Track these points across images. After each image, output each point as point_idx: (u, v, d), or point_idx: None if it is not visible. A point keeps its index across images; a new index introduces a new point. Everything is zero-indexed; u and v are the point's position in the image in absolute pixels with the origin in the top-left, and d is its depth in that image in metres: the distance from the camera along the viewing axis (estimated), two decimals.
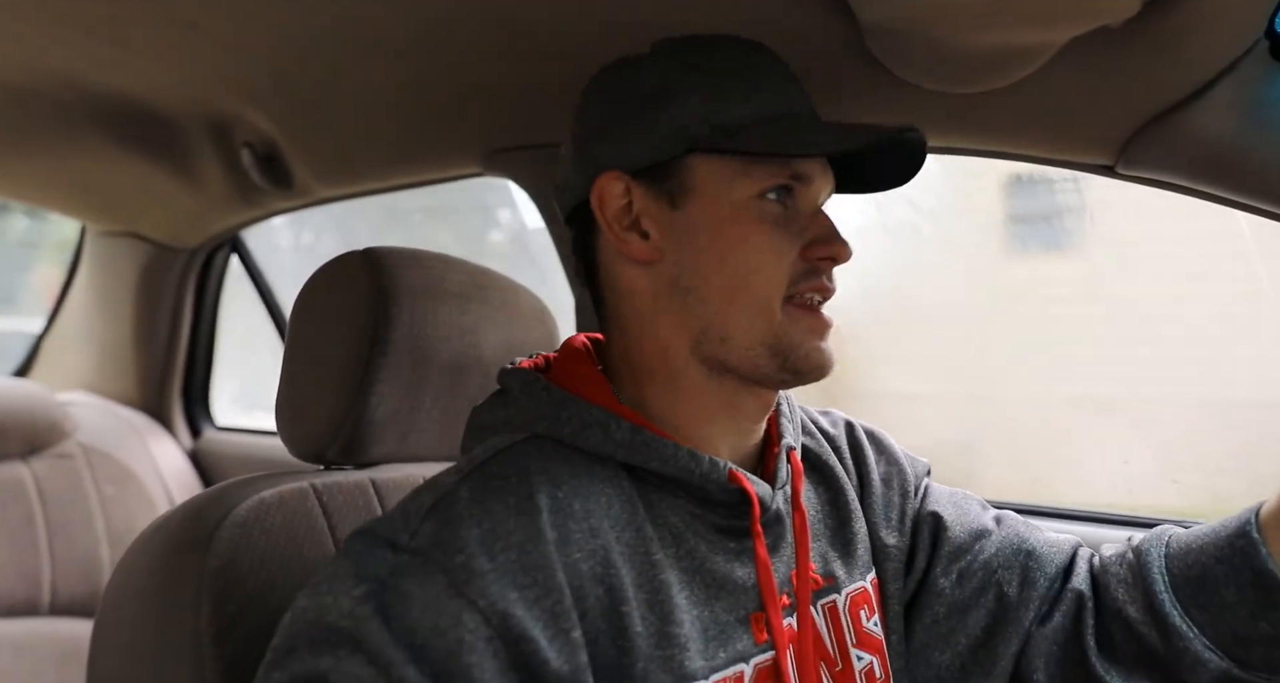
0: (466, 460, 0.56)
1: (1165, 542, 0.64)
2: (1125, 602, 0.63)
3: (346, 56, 0.94)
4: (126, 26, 0.91)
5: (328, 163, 1.24)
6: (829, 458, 0.69)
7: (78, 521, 1.47)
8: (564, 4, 0.78)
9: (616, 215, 0.59)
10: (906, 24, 0.69)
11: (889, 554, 0.68)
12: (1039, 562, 0.66)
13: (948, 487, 0.74)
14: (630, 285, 0.60)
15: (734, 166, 0.58)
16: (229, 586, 0.59)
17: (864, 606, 0.65)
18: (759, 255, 0.57)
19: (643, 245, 0.59)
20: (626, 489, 0.56)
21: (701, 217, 0.58)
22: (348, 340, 0.72)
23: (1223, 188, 0.70)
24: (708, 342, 0.59)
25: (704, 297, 0.58)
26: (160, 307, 1.66)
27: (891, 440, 0.75)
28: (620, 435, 0.56)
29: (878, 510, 0.69)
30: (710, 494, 0.58)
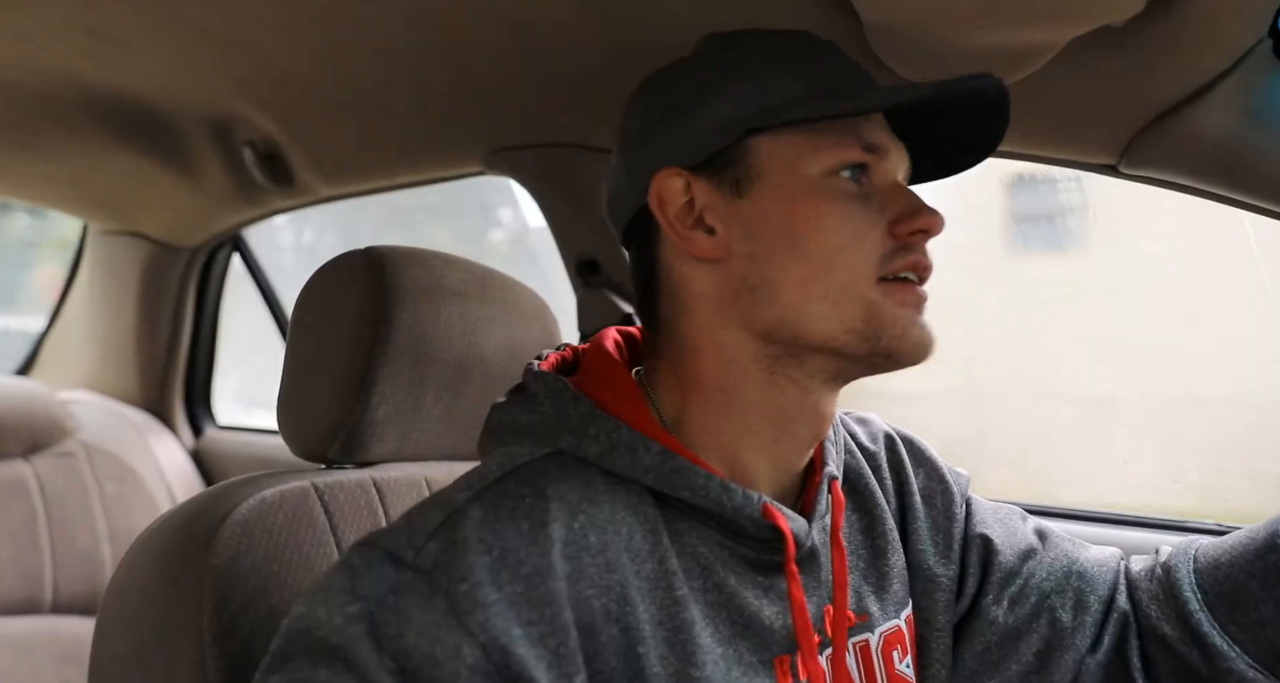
0: (479, 475, 0.52)
1: (1193, 557, 0.62)
2: (1160, 620, 0.61)
3: (348, 57, 0.94)
4: (129, 27, 0.91)
5: (329, 162, 1.24)
6: (869, 480, 0.65)
7: (79, 519, 1.47)
8: (565, 4, 0.78)
9: (679, 214, 0.55)
10: (909, 23, 0.69)
11: (939, 585, 0.64)
12: (1091, 584, 0.63)
13: (989, 501, 0.69)
14: (695, 289, 0.56)
15: (799, 143, 0.54)
16: (231, 585, 0.59)
17: (897, 645, 0.61)
18: (839, 237, 0.52)
19: (709, 242, 0.55)
20: (651, 517, 0.52)
21: (770, 202, 0.54)
22: (349, 339, 0.72)
23: (1226, 187, 0.70)
24: (780, 340, 0.54)
25: (777, 291, 0.53)
26: (162, 305, 1.66)
27: (933, 452, 0.70)
28: (649, 460, 0.52)
29: (924, 537, 0.65)
30: (743, 529, 0.54)
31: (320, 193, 1.31)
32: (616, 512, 0.51)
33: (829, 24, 0.73)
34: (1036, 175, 1.50)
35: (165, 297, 1.66)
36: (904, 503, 0.66)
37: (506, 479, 0.51)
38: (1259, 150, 0.66)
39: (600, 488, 0.52)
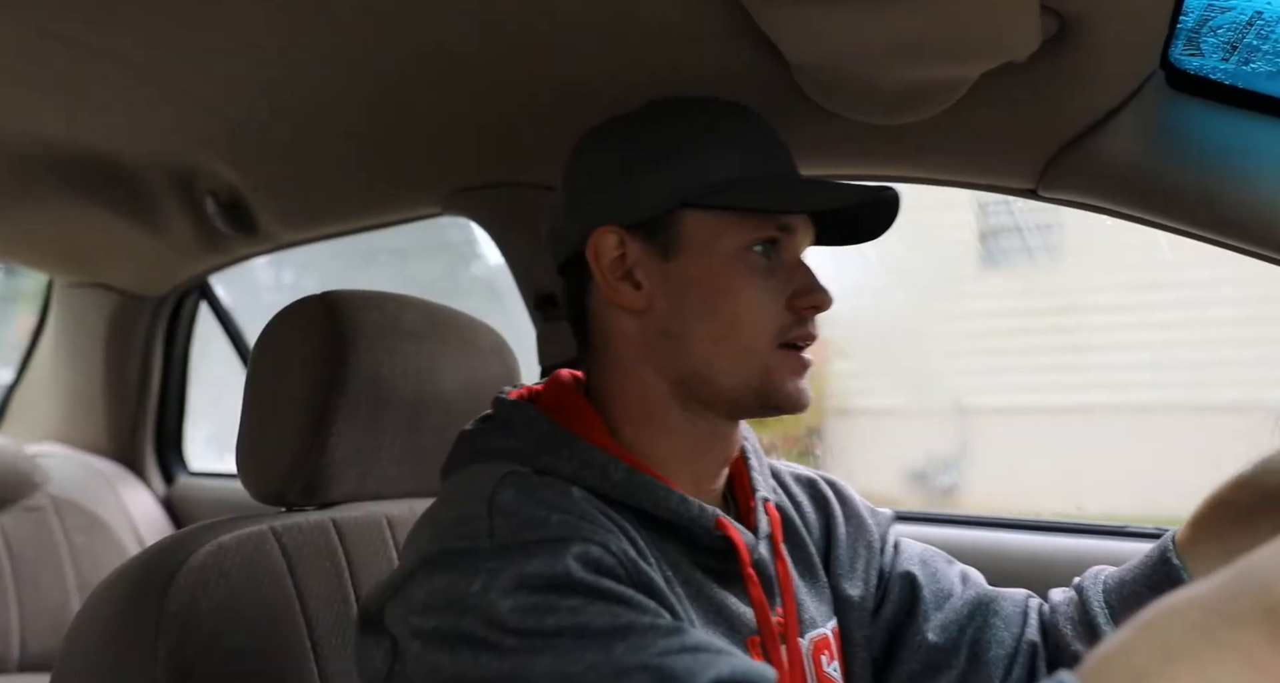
0: (478, 487, 0.57)
1: (1101, 580, 0.69)
2: (1073, 638, 0.67)
3: (304, 105, 0.97)
4: (85, 84, 0.93)
5: (291, 208, 1.26)
6: (791, 512, 0.73)
7: (47, 572, 1.45)
8: (515, 53, 0.81)
9: (611, 266, 0.63)
10: (831, 63, 0.73)
11: (852, 605, 0.71)
12: (1005, 621, 0.70)
13: (918, 543, 0.77)
14: (619, 330, 0.64)
15: (725, 220, 0.62)
16: (186, 630, 0.60)
17: (825, 651, 0.68)
18: (747, 307, 0.61)
19: (635, 295, 0.63)
20: (623, 524, 0.58)
21: (692, 268, 0.62)
22: (306, 383, 0.74)
23: (1137, 209, 0.74)
24: (691, 385, 0.62)
25: (691, 344, 0.62)
26: (130, 355, 1.67)
27: (853, 493, 0.78)
28: (618, 476, 0.59)
29: (843, 563, 0.72)
30: (698, 539, 0.61)
31: (283, 239, 1.33)
32: (598, 514, 0.57)
33: (760, 66, 0.77)
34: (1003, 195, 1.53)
35: (133, 346, 1.66)
36: (828, 535, 0.74)
37: (511, 477, 0.57)
38: (1162, 174, 0.70)
39: (579, 496, 0.57)
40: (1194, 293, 2.09)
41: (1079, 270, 2.27)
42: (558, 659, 0.47)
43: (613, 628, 0.48)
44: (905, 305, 2.84)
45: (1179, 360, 2.12)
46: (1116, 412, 2.25)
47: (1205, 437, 1.52)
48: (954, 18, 0.60)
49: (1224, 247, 0.72)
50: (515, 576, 0.49)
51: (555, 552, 0.50)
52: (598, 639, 0.47)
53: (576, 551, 0.51)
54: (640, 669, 0.46)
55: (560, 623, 0.48)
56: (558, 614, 0.48)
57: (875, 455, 3.10)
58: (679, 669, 0.45)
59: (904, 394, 3.29)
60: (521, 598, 0.49)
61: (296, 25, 0.78)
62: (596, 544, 0.52)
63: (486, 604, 0.49)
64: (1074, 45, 0.65)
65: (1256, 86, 0.68)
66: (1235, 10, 0.64)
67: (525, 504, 0.54)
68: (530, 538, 0.52)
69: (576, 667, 0.46)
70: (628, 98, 0.86)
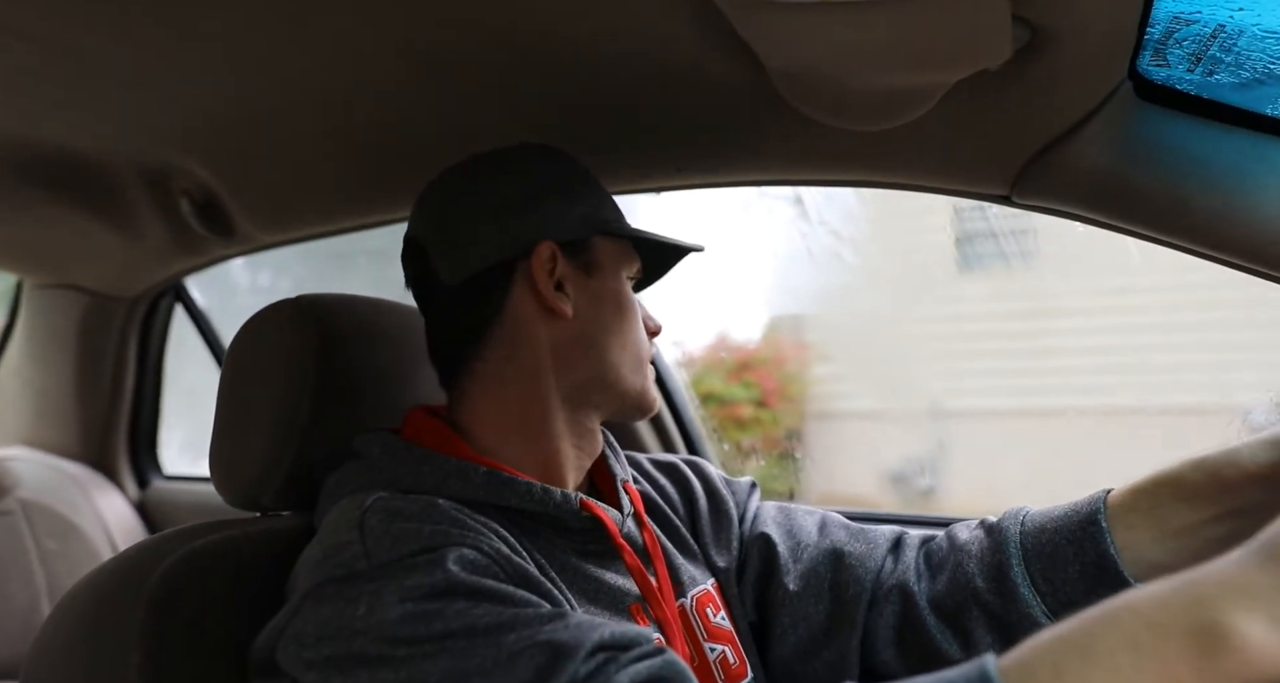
0: (346, 517, 0.59)
1: (1021, 521, 0.70)
2: (975, 574, 0.69)
3: (277, 105, 0.96)
4: (55, 84, 0.92)
5: (267, 210, 1.25)
6: (653, 495, 0.80)
7: (17, 578, 1.43)
8: (493, 55, 0.81)
9: (548, 279, 0.70)
10: (807, 69, 0.73)
11: (721, 571, 0.78)
12: (859, 560, 0.74)
13: (776, 503, 0.83)
14: (531, 337, 0.70)
15: (621, 250, 0.75)
16: (159, 638, 0.60)
17: (709, 604, 0.74)
18: (637, 323, 0.74)
19: (566, 304, 0.70)
20: (494, 526, 0.61)
21: (605, 287, 0.73)
22: (280, 387, 0.73)
23: (1109, 216, 0.76)
24: (589, 389, 0.71)
25: (605, 351, 0.71)
26: (102, 357, 1.64)
27: (711, 470, 0.85)
28: (479, 479, 0.63)
29: (708, 535, 0.79)
30: (567, 523, 0.66)
31: (260, 240, 1.32)
32: (466, 520, 0.59)
33: (737, 72, 0.78)
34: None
35: (105, 349, 1.64)
36: (692, 510, 0.81)
37: (378, 502, 0.59)
38: (1132, 181, 0.72)
39: (446, 506, 0.60)
40: (1163, 297, 2.13)
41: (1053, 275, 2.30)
42: (452, 659, 0.49)
43: (499, 623, 0.50)
44: (884, 310, 2.87)
45: (1149, 363, 2.15)
46: (1088, 414, 2.29)
47: (1175, 438, 1.55)
48: (928, 26, 0.61)
49: (1191, 252, 0.73)
50: (398, 590, 0.51)
51: (433, 561, 0.53)
52: (487, 635, 0.50)
53: (453, 556, 0.53)
54: (530, 648, 0.49)
55: (450, 626, 0.50)
56: (445, 619, 0.50)
57: (855, 458, 3.13)
58: (566, 640, 0.49)
59: (883, 398, 3.32)
60: (408, 608, 0.51)
61: (273, 24, 0.78)
62: (470, 547, 0.55)
63: (375, 623, 0.50)
64: (1045, 55, 0.66)
65: (1221, 97, 0.69)
66: (1200, 23, 0.65)
67: (394, 522, 0.56)
68: (406, 551, 0.53)
69: (470, 662, 0.49)
70: (605, 100, 0.87)
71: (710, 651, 0.71)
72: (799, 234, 1.56)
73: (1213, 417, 1.09)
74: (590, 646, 0.49)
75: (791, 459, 2.49)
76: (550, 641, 0.49)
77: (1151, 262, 0.87)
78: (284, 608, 0.56)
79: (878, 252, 2.27)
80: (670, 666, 0.50)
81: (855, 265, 1.98)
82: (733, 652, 0.73)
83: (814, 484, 2.13)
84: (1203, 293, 1.76)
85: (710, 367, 3.79)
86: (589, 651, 0.48)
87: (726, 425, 3.12)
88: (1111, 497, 0.66)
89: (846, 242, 1.77)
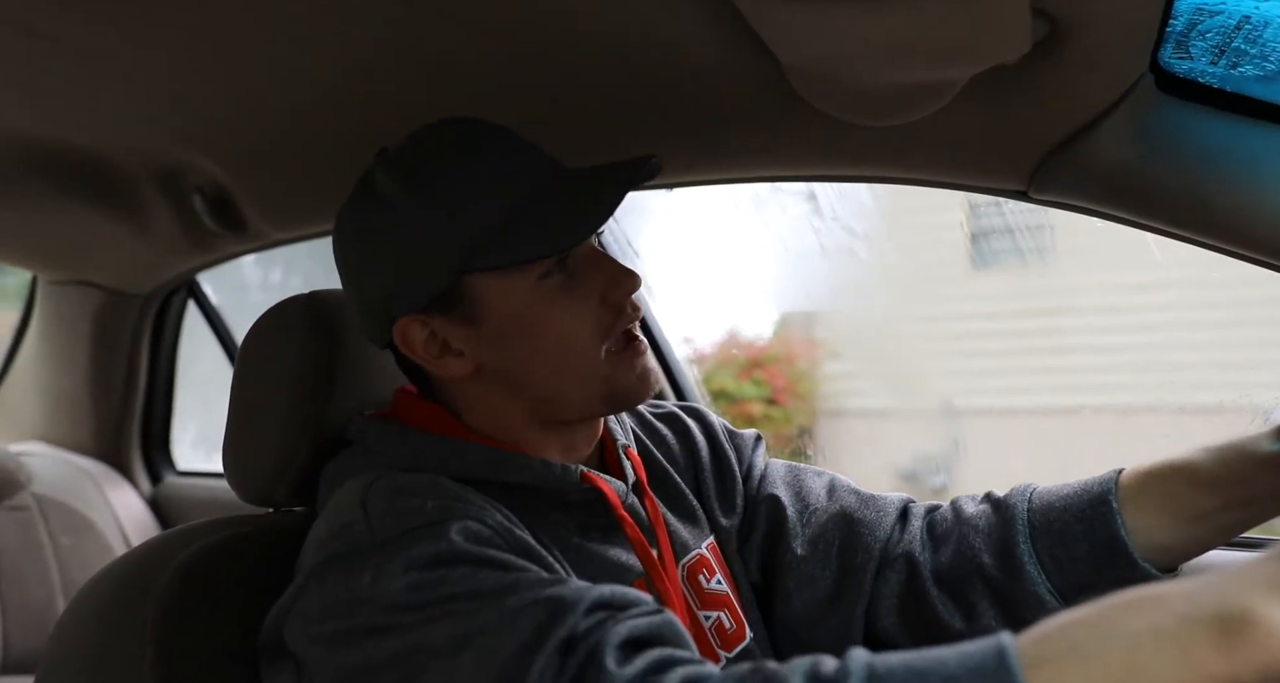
0: (348, 498, 0.59)
1: (1029, 497, 0.69)
2: (981, 550, 0.68)
3: (287, 102, 0.96)
4: (70, 85, 0.92)
5: (279, 206, 1.25)
6: (653, 451, 0.76)
7: (33, 573, 1.44)
8: (505, 53, 0.81)
9: (426, 349, 0.64)
10: (824, 64, 0.73)
11: (724, 531, 0.75)
12: (869, 527, 0.72)
13: (784, 462, 0.80)
14: (461, 387, 0.66)
15: (504, 270, 0.62)
16: (172, 634, 0.60)
17: (703, 569, 0.72)
18: (565, 329, 0.63)
19: (460, 363, 0.64)
20: (497, 503, 0.60)
21: (500, 322, 0.63)
22: (292, 383, 0.73)
23: (1127, 211, 0.75)
24: (543, 409, 0.66)
25: (531, 381, 0.64)
26: (115, 353, 1.65)
27: (715, 421, 0.81)
28: (476, 456, 0.63)
29: (711, 490, 0.76)
30: (568, 497, 0.65)
31: (272, 237, 1.32)
32: (468, 495, 0.59)
33: (752, 66, 0.77)
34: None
35: (118, 345, 1.65)
36: (695, 465, 0.77)
37: (381, 479, 0.59)
38: (1151, 176, 0.71)
39: (448, 483, 0.59)
40: (1182, 295, 2.11)
41: (1069, 272, 2.28)
42: (455, 622, 0.49)
43: (502, 586, 0.51)
44: (897, 306, 2.85)
45: (1167, 362, 2.13)
46: (1103, 413, 2.27)
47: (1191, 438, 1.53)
48: (946, 20, 0.60)
49: (1212, 249, 0.72)
50: (403, 561, 0.51)
51: (437, 533, 0.53)
52: (491, 598, 0.50)
53: (456, 527, 0.53)
54: (531, 605, 0.49)
55: (454, 590, 0.50)
56: (450, 583, 0.51)
57: (866, 456, 3.12)
58: (566, 595, 0.49)
59: (895, 395, 3.31)
60: (412, 577, 0.51)
61: (283, 21, 0.78)
62: (473, 520, 0.55)
63: (380, 593, 0.51)
64: (1064, 48, 0.65)
65: (1244, 90, 0.68)
66: (1224, 14, 0.64)
67: (398, 499, 0.56)
68: (410, 526, 0.54)
69: (474, 624, 0.49)
70: (616, 98, 0.86)
71: (705, 619, 0.70)
72: (812, 230, 1.55)
73: (1231, 416, 1.08)
74: (590, 602, 0.49)
75: (803, 457, 2.48)
76: (550, 597, 0.49)
77: (1171, 258, 0.86)
78: (289, 588, 0.57)
79: (891, 248, 2.25)
80: (669, 624, 0.51)
81: (868, 262, 1.97)
82: (729, 616, 0.71)
83: None
84: (1223, 290, 1.75)
85: (721, 364, 3.79)
86: (588, 606, 0.49)
87: (737, 423, 3.11)
88: (1123, 478, 0.65)
89: (860, 238, 1.76)
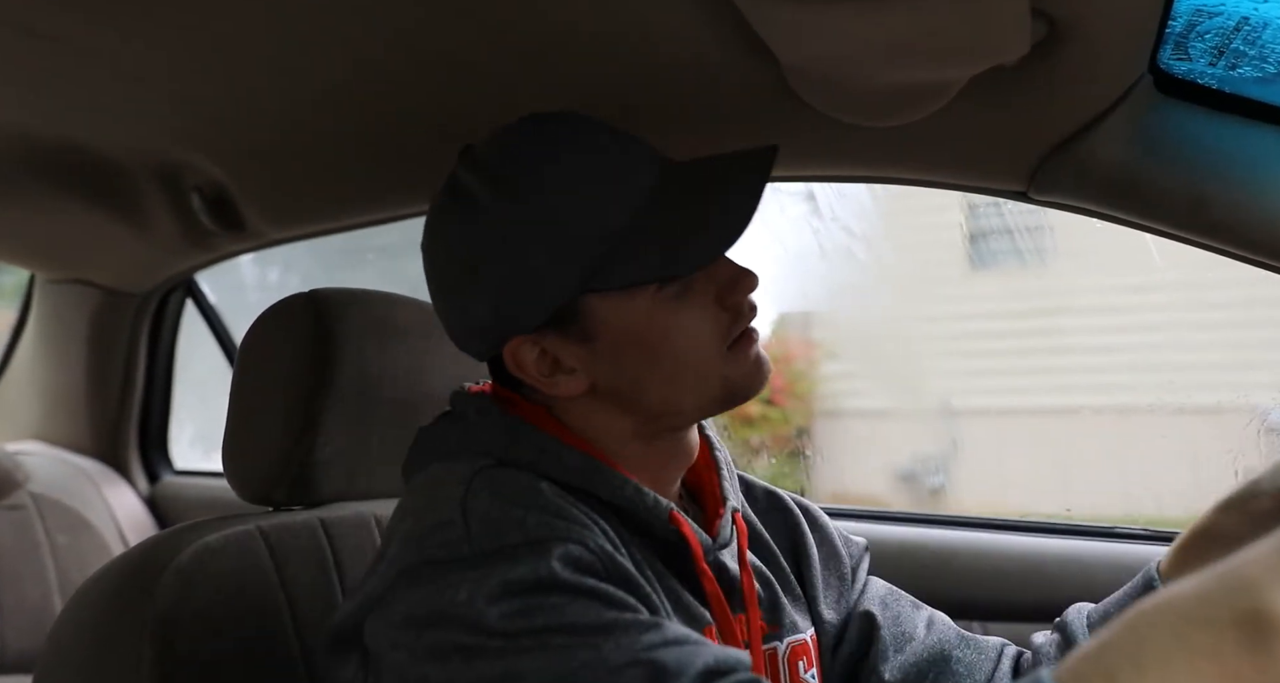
0: (446, 490, 0.56)
1: (1085, 614, 0.69)
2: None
3: (287, 102, 0.96)
4: (68, 83, 0.92)
5: (279, 205, 1.25)
6: (759, 527, 0.72)
7: (29, 572, 1.44)
8: (506, 53, 0.81)
9: (538, 369, 0.61)
10: (824, 64, 0.73)
11: (825, 626, 0.71)
12: (968, 668, 0.70)
13: (884, 583, 0.77)
14: (570, 400, 0.62)
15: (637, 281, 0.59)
16: (172, 634, 0.60)
17: (803, 657, 0.68)
18: (684, 340, 0.60)
19: (572, 382, 0.61)
20: (598, 519, 0.57)
21: (617, 339, 0.60)
22: (293, 382, 0.73)
23: (1126, 212, 0.75)
24: (656, 422, 0.62)
25: (647, 393, 0.61)
26: (113, 352, 1.65)
27: (826, 519, 0.77)
28: (573, 462, 0.59)
29: (816, 585, 0.72)
30: (653, 530, 0.61)
31: (270, 236, 1.32)
32: (571, 510, 0.56)
33: (750, 66, 0.77)
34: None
35: (116, 343, 1.64)
36: (798, 555, 0.73)
37: (480, 475, 0.56)
38: (1149, 177, 0.71)
39: (549, 490, 0.57)
40: (1180, 296, 2.11)
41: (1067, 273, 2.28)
42: (549, 658, 0.47)
43: (598, 625, 0.49)
44: (895, 307, 2.85)
45: (1165, 363, 2.13)
46: (1102, 413, 2.27)
47: (1190, 439, 1.53)
48: (945, 21, 0.60)
49: (1211, 250, 0.72)
50: (500, 582, 0.50)
51: (538, 555, 0.51)
52: (585, 636, 0.48)
53: (559, 552, 0.51)
54: (633, 664, 0.47)
55: (547, 622, 0.48)
56: (545, 613, 0.49)
57: (864, 456, 3.12)
58: (669, 662, 0.47)
59: (893, 395, 3.31)
60: (507, 603, 0.49)
61: (282, 20, 0.78)
62: (576, 543, 0.52)
63: (474, 613, 0.49)
64: (1063, 49, 0.65)
65: (1243, 91, 0.68)
66: (1223, 15, 0.64)
67: (499, 506, 0.54)
68: (510, 542, 0.52)
69: (569, 665, 0.47)
70: (617, 97, 0.86)
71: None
72: (811, 231, 1.55)
73: (1230, 417, 1.08)
74: (694, 673, 0.47)
75: (801, 457, 2.48)
76: (653, 660, 0.47)
77: (1170, 259, 0.86)
78: (373, 579, 0.54)
79: (890, 248, 2.25)
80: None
81: (867, 262, 1.97)
82: None
83: (823, 483, 2.12)
84: (1221, 291, 1.75)
85: None
86: (692, 678, 0.46)
87: (734, 423, 3.11)
88: (1161, 565, 0.65)
89: (859, 238, 1.76)
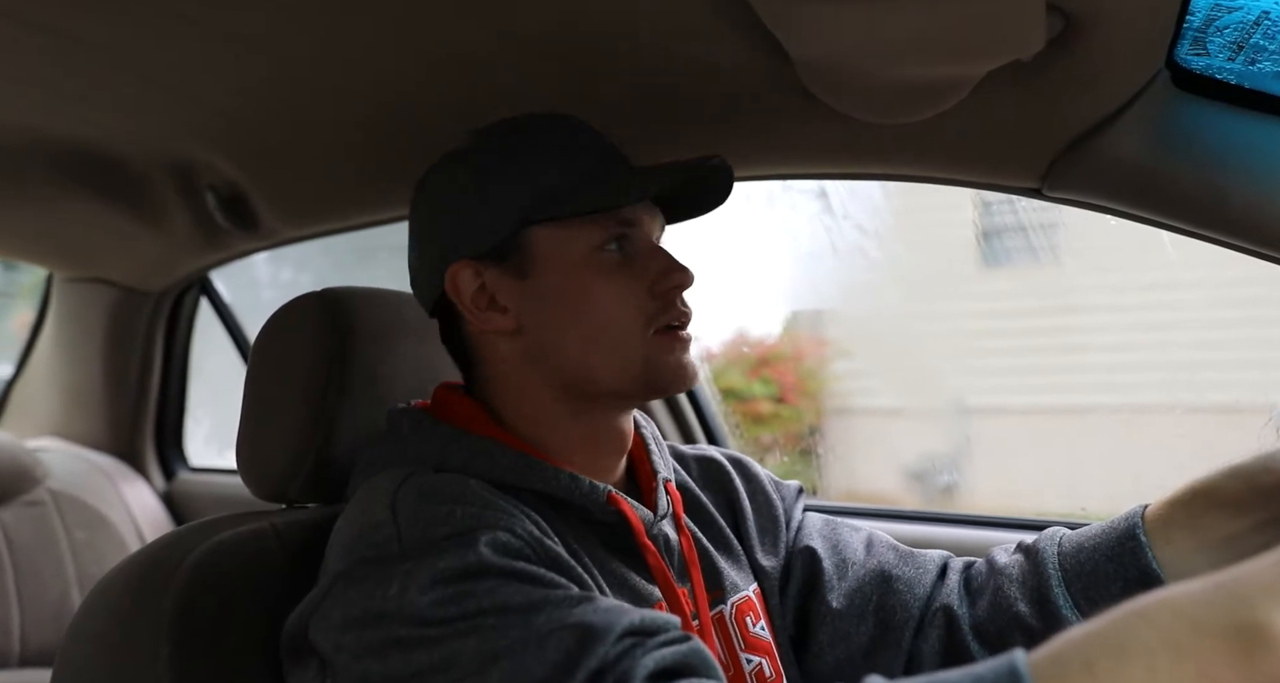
0: (377, 496, 0.59)
1: (1058, 541, 0.69)
2: (1017, 599, 0.67)
3: (306, 101, 0.96)
4: (83, 82, 0.93)
5: (292, 204, 1.26)
6: (696, 491, 0.76)
7: (48, 568, 1.45)
8: (518, 51, 0.81)
9: (473, 298, 0.65)
10: (834, 59, 0.72)
11: (766, 574, 0.75)
12: (908, 584, 0.72)
13: (820, 515, 0.80)
14: (497, 354, 0.67)
15: (568, 230, 0.64)
16: (187, 629, 0.60)
17: (749, 612, 0.71)
18: (608, 304, 0.64)
19: (503, 319, 0.65)
20: (527, 510, 0.60)
21: (550, 280, 0.64)
22: (306, 380, 0.73)
23: (1142, 208, 0.74)
24: (575, 388, 0.65)
25: (566, 351, 0.64)
26: (130, 350, 1.66)
27: (758, 469, 0.81)
28: (506, 460, 0.62)
29: (753, 536, 0.76)
30: (592, 515, 0.64)
31: (285, 234, 1.33)
32: (497, 501, 0.58)
33: (762, 62, 0.77)
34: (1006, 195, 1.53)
35: (133, 341, 1.66)
36: (735, 508, 0.77)
37: (410, 479, 0.58)
38: (1166, 173, 0.70)
39: (477, 486, 0.59)
40: (1194, 294, 2.09)
41: (1081, 270, 2.26)
42: (483, 639, 0.49)
43: (530, 603, 0.50)
44: (907, 305, 2.84)
45: (1180, 361, 2.12)
46: (1116, 412, 2.25)
47: (1202, 437, 1.52)
48: (960, 16, 0.60)
49: (1228, 247, 0.72)
50: (430, 572, 0.51)
51: (466, 544, 0.52)
52: (518, 615, 0.50)
53: (485, 539, 0.53)
54: (561, 629, 0.49)
55: (480, 605, 0.50)
56: (477, 598, 0.50)
57: (875, 454, 3.11)
58: (596, 622, 0.49)
59: (905, 394, 3.30)
60: (439, 592, 0.51)
61: (297, 20, 0.78)
62: (503, 530, 0.54)
63: (407, 604, 0.50)
64: (1080, 44, 0.65)
65: (1263, 87, 0.67)
66: (1242, 10, 0.63)
67: (426, 503, 0.56)
68: (438, 535, 0.53)
69: (502, 642, 0.49)
70: (629, 95, 0.86)
71: (747, 662, 0.68)
72: (823, 228, 1.54)
73: (1245, 416, 1.07)
74: (620, 630, 0.48)
75: (812, 455, 2.47)
76: (580, 622, 0.49)
77: (1186, 256, 0.85)
78: (316, 587, 0.57)
79: (902, 246, 2.24)
80: (696, 653, 0.50)
81: (879, 260, 1.96)
82: (769, 664, 0.70)
83: (834, 480, 2.11)
84: (1238, 289, 1.73)
85: (730, 362, 3.78)
86: (618, 635, 0.48)
87: (746, 421, 3.11)
88: (1149, 511, 0.65)
89: (871, 236, 1.75)
